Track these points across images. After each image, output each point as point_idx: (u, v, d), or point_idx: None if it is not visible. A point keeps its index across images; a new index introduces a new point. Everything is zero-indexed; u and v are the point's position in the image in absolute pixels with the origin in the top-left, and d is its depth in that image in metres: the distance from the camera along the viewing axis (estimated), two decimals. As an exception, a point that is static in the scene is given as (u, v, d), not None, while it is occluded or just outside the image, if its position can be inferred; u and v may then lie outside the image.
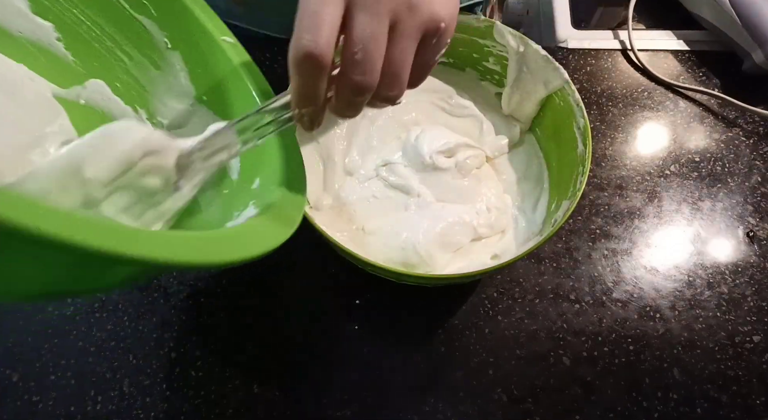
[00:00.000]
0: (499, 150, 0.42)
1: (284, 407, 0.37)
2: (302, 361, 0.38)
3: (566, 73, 0.36)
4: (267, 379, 0.37)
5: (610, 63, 0.52)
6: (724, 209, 0.44)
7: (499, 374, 0.38)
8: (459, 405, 0.37)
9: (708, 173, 0.46)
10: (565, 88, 0.37)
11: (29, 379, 0.37)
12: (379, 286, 0.40)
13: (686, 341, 0.39)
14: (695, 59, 0.52)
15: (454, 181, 0.39)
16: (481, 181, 0.40)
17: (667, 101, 0.50)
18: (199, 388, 0.37)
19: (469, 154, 0.39)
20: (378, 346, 0.39)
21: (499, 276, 0.41)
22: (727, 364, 0.38)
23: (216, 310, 0.40)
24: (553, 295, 0.40)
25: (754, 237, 0.43)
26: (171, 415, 0.36)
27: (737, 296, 0.41)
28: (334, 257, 0.42)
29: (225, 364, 0.38)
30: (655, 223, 0.44)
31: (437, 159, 0.38)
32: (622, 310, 0.40)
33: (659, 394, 0.37)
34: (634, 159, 0.47)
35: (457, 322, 0.39)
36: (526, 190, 0.41)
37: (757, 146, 0.48)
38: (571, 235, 0.43)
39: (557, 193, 0.37)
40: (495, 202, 0.39)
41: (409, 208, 0.38)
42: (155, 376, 0.37)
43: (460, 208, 0.38)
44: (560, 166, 0.38)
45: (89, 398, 0.36)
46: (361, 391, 0.37)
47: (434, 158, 0.38)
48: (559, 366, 0.38)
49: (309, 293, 0.41)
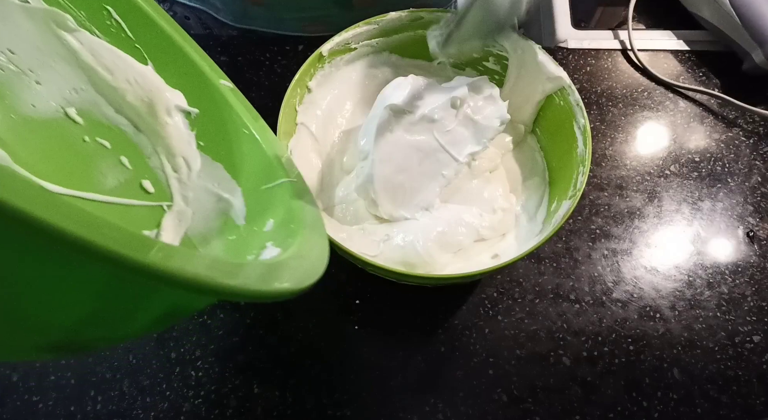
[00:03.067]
0: (503, 148, 0.42)
1: (284, 407, 0.37)
2: (302, 361, 0.38)
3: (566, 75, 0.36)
4: (267, 379, 0.37)
5: (610, 63, 0.52)
6: (724, 209, 0.44)
7: (499, 374, 0.38)
8: (459, 405, 0.37)
9: (708, 173, 0.46)
10: (565, 88, 0.37)
11: (29, 379, 0.37)
12: (379, 286, 0.40)
13: (686, 341, 0.39)
14: (695, 59, 0.52)
15: (463, 181, 0.38)
16: (490, 181, 0.40)
17: (667, 101, 0.50)
18: (199, 388, 0.37)
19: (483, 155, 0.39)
20: (378, 346, 0.39)
21: (499, 276, 0.41)
22: (727, 364, 0.38)
23: (216, 310, 0.40)
24: (553, 295, 0.40)
25: (754, 237, 0.43)
26: (171, 415, 0.36)
27: (737, 296, 0.41)
28: (334, 257, 0.41)
29: (225, 364, 0.38)
30: (655, 223, 0.44)
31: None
32: (622, 310, 0.40)
33: (659, 394, 0.37)
34: (634, 159, 0.47)
35: (457, 322, 0.39)
36: (530, 190, 0.41)
37: (757, 146, 0.48)
38: (571, 235, 0.43)
39: (557, 193, 0.37)
40: (502, 203, 0.38)
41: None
42: (155, 376, 0.37)
43: (464, 209, 0.38)
44: (560, 166, 0.38)
45: (89, 398, 0.36)
46: (361, 391, 0.37)
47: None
48: (559, 366, 0.38)
49: (309, 293, 0.41)
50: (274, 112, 0.35)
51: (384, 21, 0.39)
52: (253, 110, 0.32)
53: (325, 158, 0.41)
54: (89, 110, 0.30)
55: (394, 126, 0.36)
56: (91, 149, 0.30)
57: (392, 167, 0.36)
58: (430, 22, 0.40)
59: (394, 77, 0.39)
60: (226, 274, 0.15)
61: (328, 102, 0.41)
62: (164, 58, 0.31)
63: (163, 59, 0.31)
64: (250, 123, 0.31)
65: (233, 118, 0.31)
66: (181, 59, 0.31)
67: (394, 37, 0.41)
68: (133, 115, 0.31)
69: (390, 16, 0.39)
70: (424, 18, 0.40)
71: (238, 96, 0.32)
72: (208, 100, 0.31)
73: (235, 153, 0.31)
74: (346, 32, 0.39)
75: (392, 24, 0.40)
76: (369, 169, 0.36)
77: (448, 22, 0.35)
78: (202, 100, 0.31)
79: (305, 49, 0.51)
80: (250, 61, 0.50)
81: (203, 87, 0.31)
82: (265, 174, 0.30)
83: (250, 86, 0.49)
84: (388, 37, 0.41)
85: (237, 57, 0.50)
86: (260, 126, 0.32)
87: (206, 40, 0.52)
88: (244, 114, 0.31)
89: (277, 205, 0.29)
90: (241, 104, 0.32)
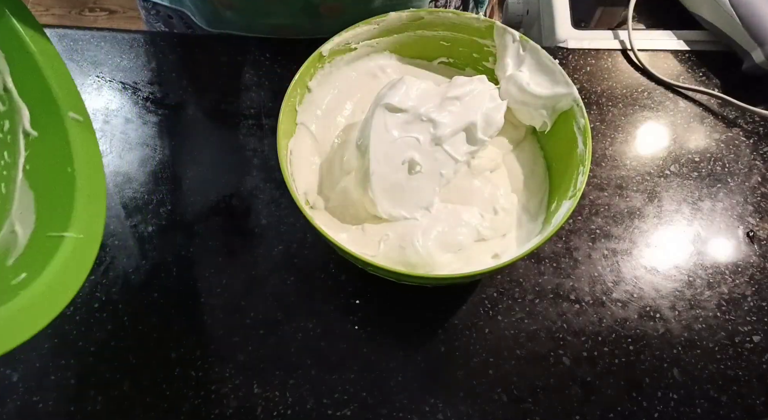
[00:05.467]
0: (504, 148, 0.42)
1: (284, 407, 0.37)
2: (302, 361, 0.38)
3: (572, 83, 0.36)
4: (267, 379, 0.37)
5: (610, 63, 0.52)
6: (724, 209, 0.44)
7: (499, 374, 0.38)
8: (459, 405, 0.37)
9: (708, 173, 0.46)
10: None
11: (29, 379, 0.37)
12: (379, 286, 0.40)
13: (686, 341, 0.39)
14: (695, 59, 0.52)
15: (463, 181, 0.38)
16: (491, 181, 0.40)
17: (667, 101, 0.50)
18: (199, 388, 0.37)
19: (483, 154, 0.39)
20: (378, 346, 0.39)
21: (499, 276, 0.41)
22: (727, 364, 0.38)
23: (216, 310, 0.40)
24: (553, 295, 0.40)
25: (754, 237, 0.43)
26: (171, 415, 0.36)
27: (737, 296, 0.41)
28: (334, 257, 0.42)
29: (225, 364, 0.38)
30: (655, 223, 0.44)
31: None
32: (622, 310, 0.40)
33: (659, 394, 0.37)
34: (634, 159, 0.47)
35: (457, 322, 0.40)
36: (531, 190, 0.41)
37: (757, 146, 0.48)
38: (571, 235, 0.43)
39: (557, 193, 0.37)
40: (503, 203, 0.38)
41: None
42: (155, 376, 0.37)
43: (464, 209, 0.38)
44: (560, 166, 0.38)
45: (89, 398, 0.36)
46: (361, 391, 0.37)
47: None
48: (559, 366, 0.38)
49: (309, 293, 0.41)
50: (274, 112, 0.35)
51: (384, 21, 0.39)
52: (95, 149, 0.31)
53: (325, 158, 0.41)
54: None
55: (390, 125, 0.36)
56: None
57: (389, 166, 0.36)
58: (431, 22, 0.40)
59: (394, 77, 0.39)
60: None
61: (328, 102, 0.41)
62: (19, 69, 0.30)
63: (18, 69, 0.30)
64: (78, 164, 0.30)
65: (64, 153, 0.30)
66: (35, 75, 0.30)
67: (394, 37, 0.41)
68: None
69: (390, 16, 0.39)
70: (424, 18, 0.40)
71: (84, 131, 0.31)
72: (50, 126, 0.30)
73: (50, 188, 0.30)
74: (346, 32, 0.39)
75: (392, 24, 0.40)
76: (366, 168, 0.36)
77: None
78: (44, 124, 0.30)
79: (305, 49, 0.50)
80: (250, 61, 0.50)
81: (50, 112, 0.30)
82: (61, 219, 0.29)
83: (250, 86, 0.49)
84: (388, 37, 0.41)
85: (237, 57, 0.50)
86: (90, 166, 0.30)
87: (207, 40, 0.52)
88: (78, 152, 0.30)
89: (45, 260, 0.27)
90: (83, 140, 0.30)
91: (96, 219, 0.30)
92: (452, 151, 0.36)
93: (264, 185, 0.45)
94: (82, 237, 0.29)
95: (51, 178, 0.30)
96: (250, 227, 0.43)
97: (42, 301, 0.25)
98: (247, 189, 0.45)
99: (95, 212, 0.30)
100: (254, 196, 0.44)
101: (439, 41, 0.42)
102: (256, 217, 0.43)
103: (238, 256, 0.42)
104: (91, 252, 0.29)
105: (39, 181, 0.30)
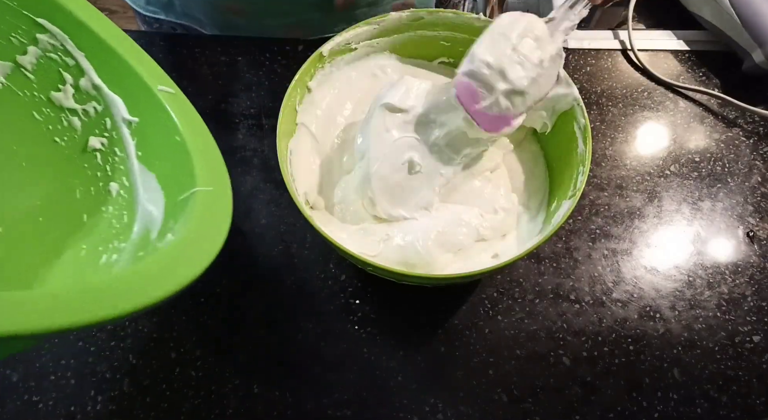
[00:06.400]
0: (504, 148, 0.42)
1: (284, 407, 0.37)
2: (302, 361, 0.38)
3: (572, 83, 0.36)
4: (267, 379, 0.37)
5: (610, 63, 0.52)
6: (724, 209, 0.44)
7: (499, 374, 0.38)
8: (459, 405, 0.37)
9: (708, 173, 0.46)
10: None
11: (29, 379, 0.37)
12: (379, 286, 0.40)
13: (686, 341, 0.39)
14: (695, 59, 0.52)
15: (463, 181, 0.38)
16: (491, 181, 0.40)
17: (667, 101, 0.50)
18: (199, 388, 0.37)
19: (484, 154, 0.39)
20: (378, 346, 0.39)
21: (499, 276, 0.41)
22: (727, 364, 0.38)
23: (216, 310, 0.40)
24: (553, 295, 0.40)
25: (754, 237, 0.43)
26: (171, 415, 0.36)
27: (737, 296, 0.41)
28: (334, 257, 0.42)
29: (225, 364, 0.38)
30: (655, 223, 0.44)
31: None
32: (622, 310, 0.40)
33: (659, 394, 0.37)
34: (634, 159, 0.47)
35: (457, 322, 0.39)
36: (531, 190, 0.40)
37: (757, 146, 0.48)
38: (571, 235, 0.43)
39: (557, 193, 0.37)
40: (503, 203, 0.38)
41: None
42: (155, 376, 0.37)
43: (464, 209, 0.38)
44: (560, 166, 0.38)
45: (89, 398, 0.36)
46: (361, 391, 0.37)
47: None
48: (559, 366, 0.38)
49: (309, 293, 0.41)
50: (274, 112, 0.35)
51: (384, 21, 0.39)
52: (194, 114, 0.31)
53: (325, 158, 0.41)
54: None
55: (389, 125, 0.36)
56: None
57: (389, 166, 0.36)
58: (431, 22, 0.40)
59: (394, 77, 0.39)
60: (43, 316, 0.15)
61: (328, 102, 0.41)
62: (100, 63, 0.30)
63: (100, 64, 0.30)
64: (184, 129, 0.30)
65: (168, 125, 0.30)
66: (117, 64, 0.30)
67: (394, 37, 0.41)
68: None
69: (390, 16, 0.39)
70: (424, 18, 0.40)
71: (178, 100, 0.31)
72: (146, 106, 0.30)
73: (166, 163, 0.30)
74: (346, 32, 0.39)
75: (392, 24, 0.40)
76: (366, 168, 0.36)
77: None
78: (141, 107, 0.30)
79: (305, 49, 0.51)
80: (250, 61, 0.50)
81: (141, 93, 0.30)
82: (185, 183, 0.29)
83: (250, 86, 0.49)
84: (388, 37, 0.41)
85: (237, 57, 0.50)
86: (195, 131, 0.31)
87: (206, 39, 0.52)
88: (180, 120, 0.30)
89: (187, 215, 0.28)
90: (180, 109, 0.31)
91: (217, 169, 0.31)
92: (452, 151, 0.36)
93: (264, 185, 0.45)
94: (211, 189, 0.29)
95: (164, 153, 0.30)
96: (250, 227, 0.43)
97: (192, 248, 0.25)
98: (246, 189, 0.45)
99: (214, 165, 0.30)
100: (254, 196, 0.44)
101: (440, 41, 0.42)
102: (256, 217, 0.43)
103: (238, 256, 0.42)
104: (225, 199, 0.30)
105: (154, 160, 0.30)
